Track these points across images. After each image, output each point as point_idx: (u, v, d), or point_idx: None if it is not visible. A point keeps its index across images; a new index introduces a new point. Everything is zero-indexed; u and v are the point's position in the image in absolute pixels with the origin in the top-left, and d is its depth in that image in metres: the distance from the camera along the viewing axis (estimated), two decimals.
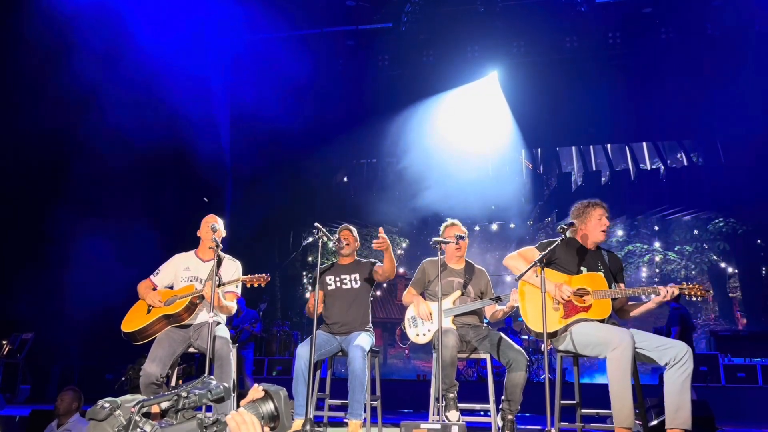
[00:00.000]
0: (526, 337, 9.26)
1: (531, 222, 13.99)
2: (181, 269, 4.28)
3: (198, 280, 4.19)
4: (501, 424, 3.91)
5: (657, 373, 8.21)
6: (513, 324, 9.79)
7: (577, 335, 3.47)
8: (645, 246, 14.36)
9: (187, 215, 5.19)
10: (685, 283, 3.43)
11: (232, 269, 4.25)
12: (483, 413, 4.44)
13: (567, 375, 7.85)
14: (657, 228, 14.27)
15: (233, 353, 4.01)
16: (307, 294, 6.20)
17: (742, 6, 9.83)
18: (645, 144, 13.49)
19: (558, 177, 13.11)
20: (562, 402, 3.59)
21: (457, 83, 11.47)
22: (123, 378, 6.71)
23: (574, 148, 13.87)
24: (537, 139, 12.31)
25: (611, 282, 3.65)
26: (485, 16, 10.71)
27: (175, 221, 8.57)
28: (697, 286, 3.39)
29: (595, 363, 9.60)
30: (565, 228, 3.53)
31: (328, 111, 10.94)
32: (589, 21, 10.53)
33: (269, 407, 1.40)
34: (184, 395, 1.41)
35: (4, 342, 8.34)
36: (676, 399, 3.19)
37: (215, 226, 4.15)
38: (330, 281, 4.49)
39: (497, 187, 12.31)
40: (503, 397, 3.95)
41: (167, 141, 8.87)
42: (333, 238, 4.34)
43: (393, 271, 4.27)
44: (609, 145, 13.00)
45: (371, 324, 4.45)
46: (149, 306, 4.09)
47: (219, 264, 4.09)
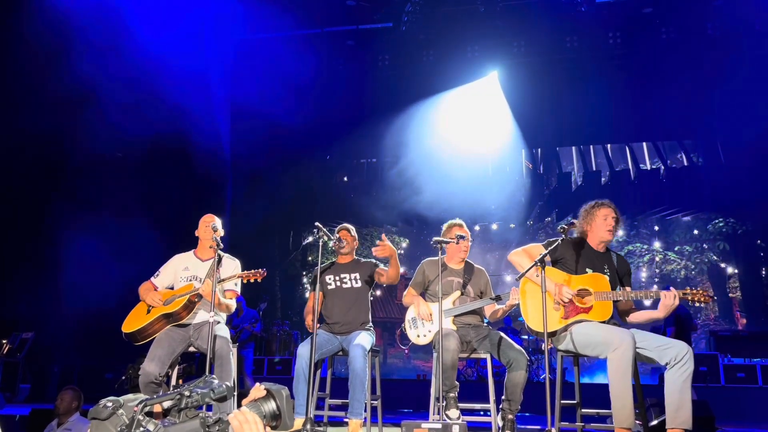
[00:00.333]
0: (526, 337, 9.27)
1: (531, 222, 13.98)
2: (181, 269, 4.30)
3: (197, 279, 4.20)
4: (501, 423, 3.91)
5: (657, 373, 8.22)
6: (513, 324, 9.79)
7: (578, 335, 3.46)
8: (645, 246, 14.36)
9: (188, 214, 5.19)
10: (689, 289, 3.40)
11: (231, 268, 4.25)
12: (483, 413, 4.44)
13: (567, 375, 7.84)
14: (657, 228, 14.26)
15: (233, 352, 4.02)
16: (307, 294, 6.20)
17: (742, 6, 9.82)
18: (645, 144, 13.48)
19: (558, 177, 13.11)
20: (562, 402, 3.59)
21: (458, 83, 11.47)
22: (123, 377, 6.71)
23: (574, 148, 13.85)
24: (537, 139, 12.31)
25: (616, 285, 3.63)
26: (485, 16, 10.71)
27: (176, 220, 8.55)
28: (701, 291, 3.36)
29: (596, 362, 9.60)
30: (566, 228, 3.53)
31: (328, 110, 10.94)
32: (590, 21, 10.53)
33: (271, 406, 1.41)
34: (186, 394, 1.41)
35: (4, 341, 8.34)
36: (676, 399, 3.18)
37: (215, 225, 4.18)
38: (330, 280, 4.50)
39: (497, 187, 12.31)
40: (503, 397, 3.95)
41: (167, 140, 8.87)
42: (333, 237, 4.34)
43: (398, 277, 4.25)
44: (609, 145, 12.99)
45: (371, 323, 4.46)
46: (149, 306, 4.10)
47: (218, 263, 4.10)
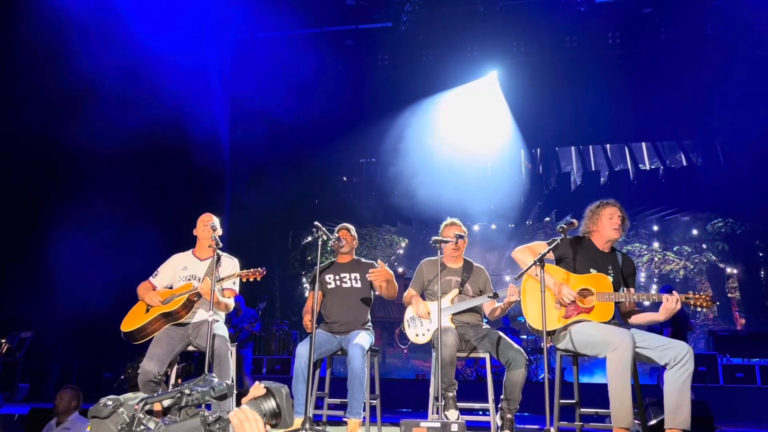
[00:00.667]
0: (525, 337, 9.27)
1: (530, 222, 13.98)
2: (179, 269, 4.30)
3: (196, 278, 4.20)
4: (500, 423, 3.91)
5: (655, 373, 8.22)
6: (512, 323, 9.80)
7: (577, 334, 3.46)
8: (644, 246, 14.36)
9: (187, 213, 5.19)
10: (692, 293, 3.39)
11: (229, 267, 4.25)
12: (482, 412, 4.45)
13: (566, 374, 7.85)
14: (656, 228, 14.26)
15: (232, 352, 4.02)
16: (307, 293, 6.19)
17: (741, 6, 9.83)
18: (644, 144, 13.49)
19: (557, 177, 13.12)
20: (561, 401, 3.59)
21: (457, 83, 11.49)
22: (122, 376, 6.71)
23: (573, 148, 13.87)
24: (536, 139, 12.32)
25: (620, 286, 3.62)
26: (485, 15, 10.72)
27: (175, 219, 8.55)
28: (704, 296, 3.34)
29: (595, 362, 9.61)
30: (565, 227, 3.53)
31: (327, 110, 10.94)
32: (589, 21, 10.54)
33: (271, 404, 1.41)
34: (187, 392, 1.41)
35: (2, 340, 8.33)
36: (675, 399, 3.18)
37: (214, 224, 4.19)
38: (329, 280, 4.49)
39: (496, 187, 12.33)
40: (502, 397, 3.95)
41: (167, 139, 8.86)
42: (332, 237, 4.34)
43: (394, 296, 4.27)
44: (608, 145, 13.01)
45: (371, 323, 4.46)
46: (148, 306, 4.10)
47: (217, 262, 4.11)
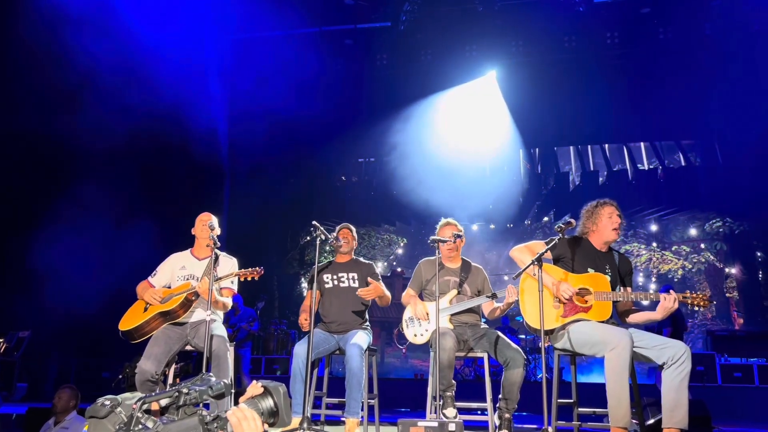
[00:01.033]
0: (523, 336, 9.28)
1: (528, 222, 13.98)
2: (177, 268, 4.29)
3: (194, 278, 4.19)
4: (498, 422, 3.91)
5: (653, 374, 8.23)
6: (510, 323, 9.80)
7: (575, 334, 3.47)
8: (642, 246, 14.37)
9: (185, 212, 5.18)
10: (689, 292, 3.40)
11: (228, 266, 4.25)
12: (480, 412, 4.45)
13: (564, 374, 7.85)
14: (654, 228, 14.27)
15: (230, 351, 4.02)
16: (305, 293, 6.18)
17: (740, 6, 9.85)
18: (643, 144, 13.49)
19: (556, 177, 13.12)
20: (559, 401, 3.59)
21: (456, 82, 11.49)
22: (120, 376, 6.71)
23: (572, 147, 13.87)
24: (535, 139, 12.32)
25: (617, 285, 3.62)
26: (484, 15, 10.73)
27: (173, 218, 8.55)
28: (701, 296, 3.35)
29: (592, 361, 9.62)
30: (563, 227, 3.53)
31: (326, 109, 10.95)
32: (588, 21, 10.56)
33: (269, 403, 1.41)
34: (185, 392, 1.41)
35: (0, 340, 8.32)
36: (673, 398, 3.19)
37: (212, 224, 4.18)
38: (327, 279, 4.49)
39: (495, 187, 12.32)
40: (500, 396, 3.95)
41: (165, 138, 8.86)
42: (331, 236, 4.34)
43: (388, 303, 4.37)
44: (607, 145, 13.00)
45: (369, 323, 4.46)
46: (146, 304, 4.10)
47: (215, 261, 4.10)
